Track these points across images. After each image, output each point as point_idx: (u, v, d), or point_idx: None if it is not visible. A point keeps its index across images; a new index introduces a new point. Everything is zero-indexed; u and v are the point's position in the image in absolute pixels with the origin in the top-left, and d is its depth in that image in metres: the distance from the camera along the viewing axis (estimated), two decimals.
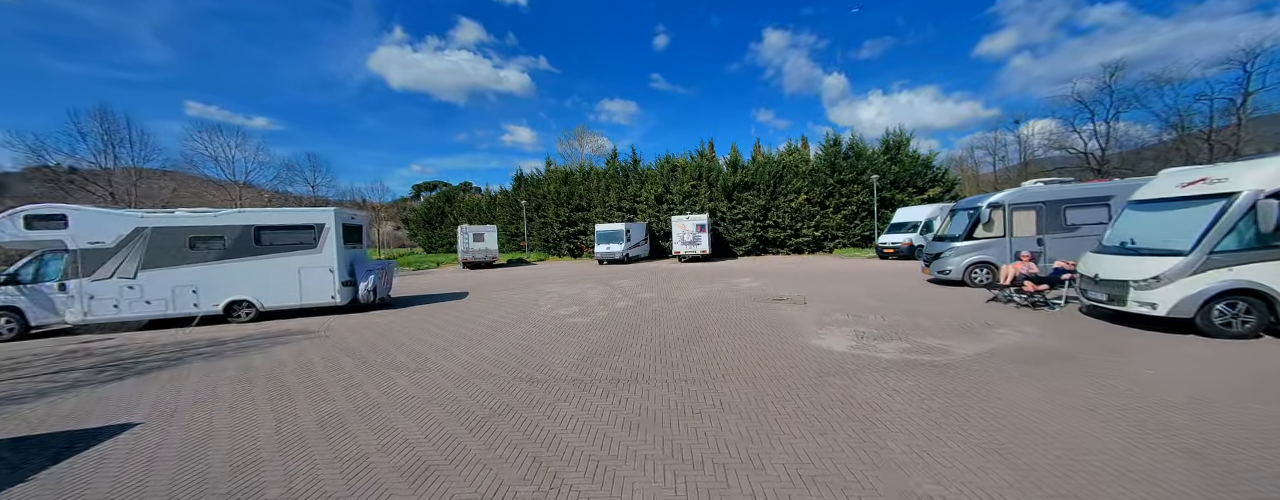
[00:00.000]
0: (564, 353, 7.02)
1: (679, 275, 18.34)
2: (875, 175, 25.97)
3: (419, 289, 17.24)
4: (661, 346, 7.30)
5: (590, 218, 34.15)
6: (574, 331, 8.44)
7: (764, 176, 29.65)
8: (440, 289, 16.85)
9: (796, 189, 29.06)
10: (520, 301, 12.56)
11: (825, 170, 29.10)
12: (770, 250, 30.24)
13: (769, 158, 30.52)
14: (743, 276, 16.95)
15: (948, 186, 28.56)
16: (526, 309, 11.22)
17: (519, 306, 11.71)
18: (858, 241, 28.63)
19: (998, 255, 11.36)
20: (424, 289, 17.15)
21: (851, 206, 28.38)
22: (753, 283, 14.82)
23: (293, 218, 11.28)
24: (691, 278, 17.15)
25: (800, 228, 29.11)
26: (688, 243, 26.00)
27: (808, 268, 19.87)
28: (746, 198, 29.66)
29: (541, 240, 37.32)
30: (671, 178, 32.16)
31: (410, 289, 17.30)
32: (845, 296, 11.24)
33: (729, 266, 22.18)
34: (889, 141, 29.40)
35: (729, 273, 18.66)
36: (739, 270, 19.68)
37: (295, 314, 11.29)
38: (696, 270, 20.50)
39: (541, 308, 11.29)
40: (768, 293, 12.33)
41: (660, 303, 11.34)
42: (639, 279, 17.32)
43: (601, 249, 27.34)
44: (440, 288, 17.29)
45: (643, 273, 20.04)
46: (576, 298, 12.77)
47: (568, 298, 12.84)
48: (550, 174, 38.32)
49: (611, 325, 8.94)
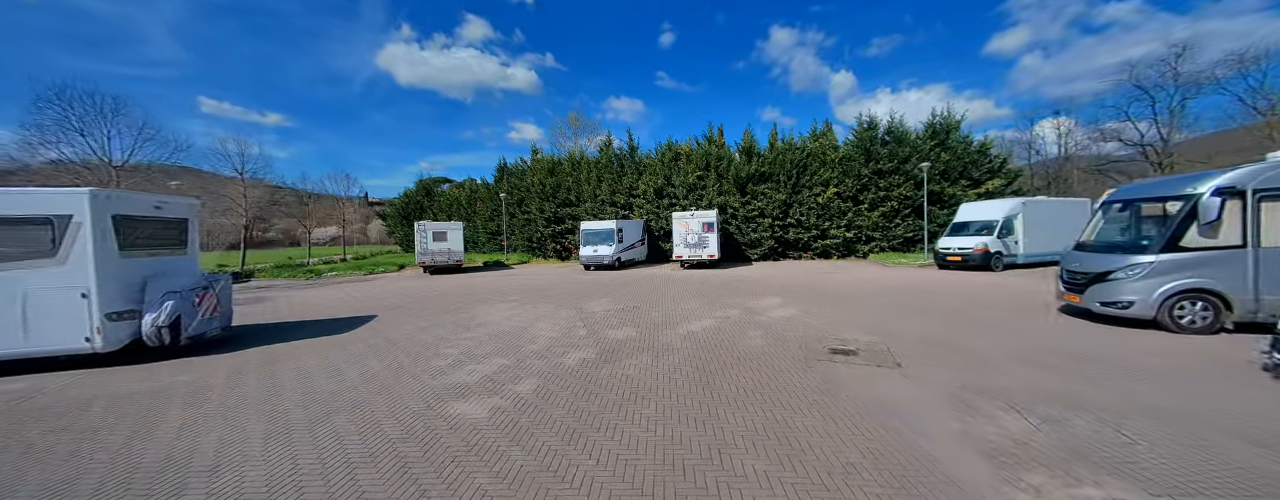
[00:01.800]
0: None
1: (678, 290, 13.64)
2: (924, 163, 21.14)
3: (318, 307, 12.63)
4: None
5: (580, 214, 29.49)
6: (441, 456, 3.76)
7: (785, 166, 24.84)
8: (349, 307, 12.24)
9: (824, 181, 24.24)
10: (424, 343, 7.90)
11: (858, 159, 24.24)
12: (790, 254, 25.45)
13: (790, 144, 25.72)
14: (766, 294, 12.22)
15: (1009, 178, 23.63)
16: (415, 363, 6.55)
17: (410, 356, 7.05)
18: (899, 244, 23.77)
19: (1229, 279, 6.56)
20: (324, 308, 12.54)
21: (892, 202, 23.51)
22: (784, 308, 10.10)
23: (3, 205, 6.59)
24: (695, 295, 12.45)
25: (828, 227, 24.29)
26: (692, 245, 21.28)
27: (847, 280, 15.10)
28: (763, 191, 24.87)
29: (525, 240, 32.71)
30: (674, 167, 27.43)
31: (308, 307, 12.70)
32: (956, 345, 6.50)
33: (743, 276, 17.44)
34: (935, 124, 24.47)
35: (745, 287, 13.94)
36: (757, 282, 14.96)
37: (14, 369, 6.64)
38: (703, 282, 15.78)
39: (438, 363, 6.62)
40: (816, 332, 7.61)
41: (640, 355, 6.64)
42: (623, 296, 12.62)
43: (588, 251, 22.68)
44: (349, 306, 12.68)
45: (633, 284, 15.38)
46: (512, 337, 8.09)
47: (499, 337, 8.17)
48: (535, 164, 33.66)
49: (535, 425, 4.26)
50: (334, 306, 12.80)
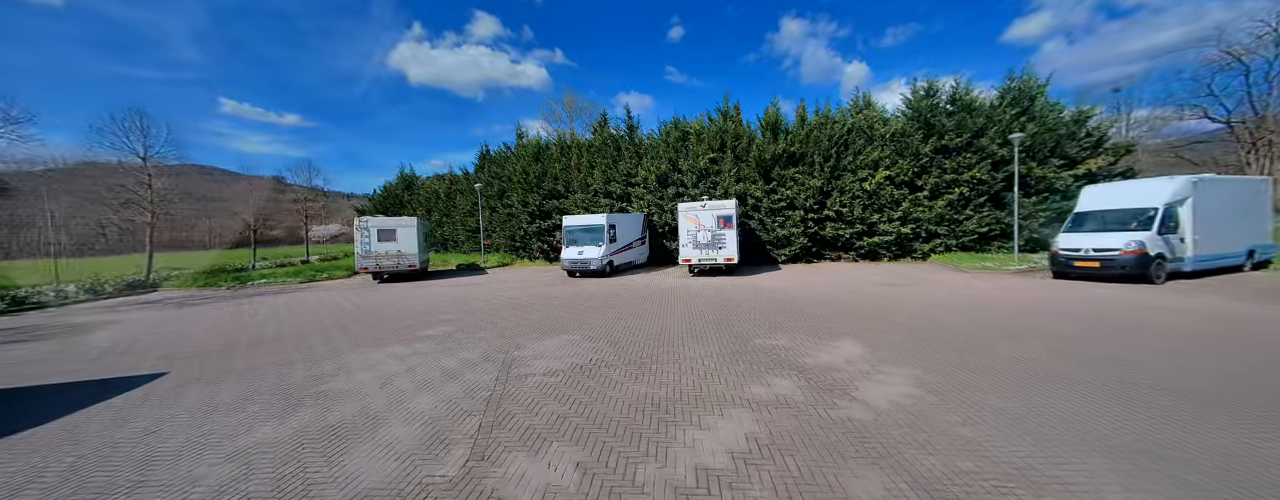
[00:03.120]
0: None
1: (683, 317, 8.75)
2: (1017, 135, 15.89)
3: (112, 346, 7.96)
4: None
5: (568, 207, 24.70)
6: None
7: (821, 144, 19.72)
8: (158, 348, 7.57)
9: (871, 162, 19.08)
10: (168, 454, 3.16)
11: (915, 134, 19.03)
12: (826, 254, 20.37)
13: (826, 117, 20.54)
14: (825, 329, 7.25)
15: (1116, 155, 18.25)
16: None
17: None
18: (973, 242, 18.54)
19: None
20: (120, 349, 7.86)
21: (961, 188, 18.28)
22: (882, 372, 5.16)
23: None
24: (710, 329, 7.55)
25: (877, 221, 19.14)
26: (704, 245, 16.36)
27: (933, 297, 10.05)
28: (794, 177, 19.80)
29: (506, 238, 28.01)
30: (681, 149, 22.45)
31: (93, 349, 8.04)
32: None
33: (775, 289, 12.47)
34: (1013, 89, 19.11)
35: (784, 309, 8.98)
36: (799, 301, 10.01)
37: None
38: (720, 299, 10.85)
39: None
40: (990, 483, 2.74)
41: None
42: (597, 330, 7.77)
43: (571, 254, 17.88)
44: (167, 345, 8.00)
45: (619, 302, 10.53)
46: (302, 462, 3.30)
47: (309, 454, 3.38)
48: (520, 149, 28.86)
49: None
50: (145, 344, 8.14)
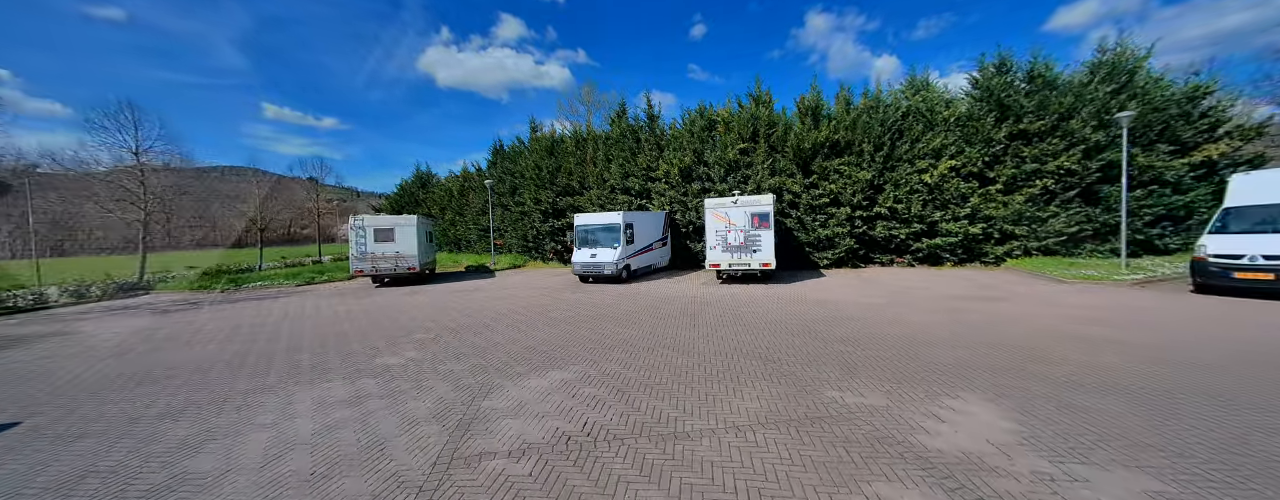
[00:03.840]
0: None
1: (716, 342, 6.46)
2: (1125, 113, 12.97)
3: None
4: None
5: (583, 205, 22.64)
6: None
7: (872, 131, 17.05)
8: (68, 376, 5.78)
9: (933, 151, 16.32)
10: None
11: (985, 118, 16.15)
12: (877, 257, 17.69)
13: (877, 99, 17.81)
14: (938, 382, 4.84)
15: (1243, 139, 14.99)
16: None
17: None
18: (1058, 245, 15.58)
19: None
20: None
21: (1045, 179, 15.35)
22: (1083, 492, 2.82)
23: None
24: (753, 365, 5.24)
25: (939, 220, 16.37)
26: (735, 248, 14.00)
27: (1045, 322, 7.45)
28: (839, 168, 17.19)
29: (518, 238, 26.16)
30: (707, 140, 20.07)
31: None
32: None
33: (826, 303, 10.02)
34: (1106, 62, 15.99)
35: (848, 335, 6.56)
36: (865, 322, 7.52)
37: None
38: (759, 318, 8.48)
39: None
40: None
41: None
42: (604, 363, 5.57)
43: (583, 257, 15.81)
44: (88, 372, 6.21)
45: (636, 320, 8.30)
46: None
47: None
48: (533, 143, 26.93)
49: None
50: (41, 371, 6.35)
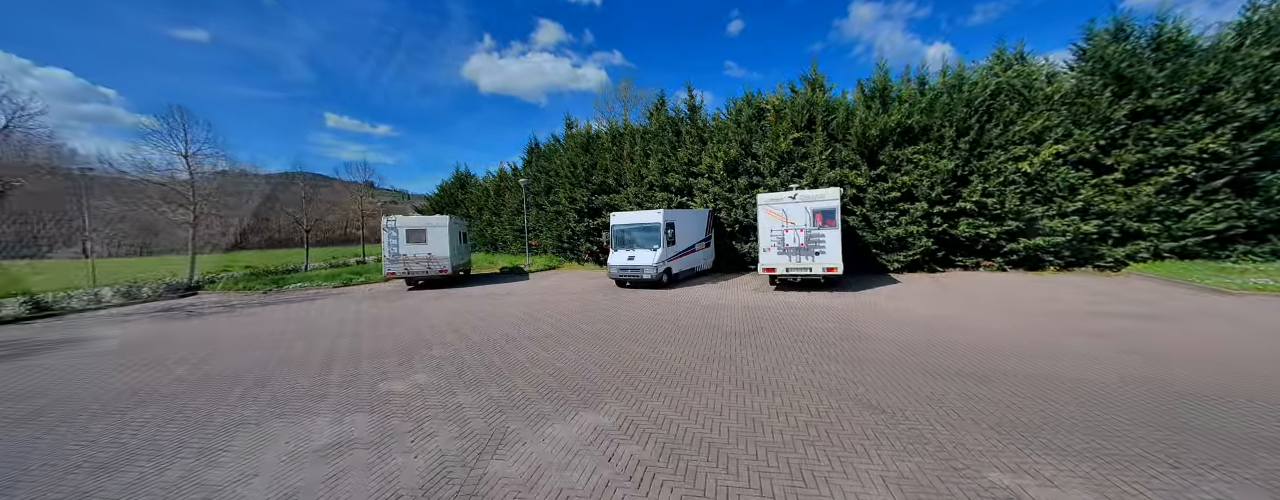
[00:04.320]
0: None
1: (792, 395, 4.73)
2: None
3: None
4: None
5: (620, 203, 21.20)
6: None
7: (955, 113, 14.65)
8: (41, 391, 4.86)
9: (1033, 134, 13.75)
10: None
11: (1099, 94, 13.41)
12: (958, 260, 15.23)
13: (960, 76, 15.35)
14: (1160, 464, 2.94)
15: None
16: None
17: None
18: (1200, 246, 12.68)
19: None
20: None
21: (1183, 166, 12.50)
22: None
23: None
24: (854, 418, 3.52)
25: (1039, 216, 13.77)
26: (794, 250, 12.08)
27: (1263, 369, 5.24)
28: (913, 157, 14.88)
29: (553, 238, 25.05)
30: (755, 130, 18.11)
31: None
32: None
33: (915, 319, 8.00)
34: (1259, 21, 12.87)
35: (967, 366, 4.64)
36: (983, 351, 5.50)
37: None
38: (833, 341, 6.65)
39: None
40: None
41: None
42: (619, 427, 3.98)
43: (620, 260, 14.32)
44: (59, 387, 5.31)
45: (676, 341, 6.70)
46: None
47: None
48: (569, 140, 25.76)
49: None
50: (9, 390, 5.48)
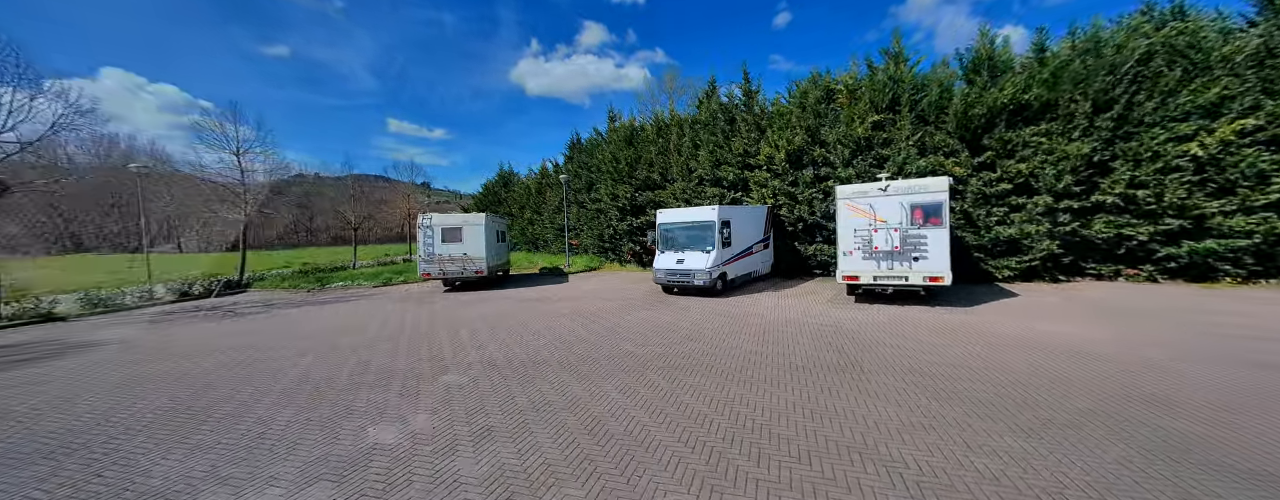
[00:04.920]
0: None
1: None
2: None
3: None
4: None
5: (665, 199, 19.30)
6: None
7: (1090, 83, 11.73)
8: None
9: (1203, 107, 10.68)
10: None
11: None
12: (1089, 267, 12.25)
13: (1094, 36, 12.36)
14: None
15: None
16: None
17: None
18: None
19: None
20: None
21: None
22: None
23: None
24: None
25: (1213, 211, 10.67)
26: (885, 253, 9.72)
27: None
28: (1032, 140, 12.08)
29: (594, 238, 23.49)
30: (824, 114, 15.65)
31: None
32: None
33: (1064, 346, 5.59)
34: None
35: (1248, 469, 2.45)
36: (1238, 432, 3.27)
37: None
38: (978, 386, 4.42)
39: None
40: None
41: None
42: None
43: (667, 263, 12.45)
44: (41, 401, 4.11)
45: (742, 378, 4.68)
46: None
47: None
48: (611, 134, 24.13)
49: None
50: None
